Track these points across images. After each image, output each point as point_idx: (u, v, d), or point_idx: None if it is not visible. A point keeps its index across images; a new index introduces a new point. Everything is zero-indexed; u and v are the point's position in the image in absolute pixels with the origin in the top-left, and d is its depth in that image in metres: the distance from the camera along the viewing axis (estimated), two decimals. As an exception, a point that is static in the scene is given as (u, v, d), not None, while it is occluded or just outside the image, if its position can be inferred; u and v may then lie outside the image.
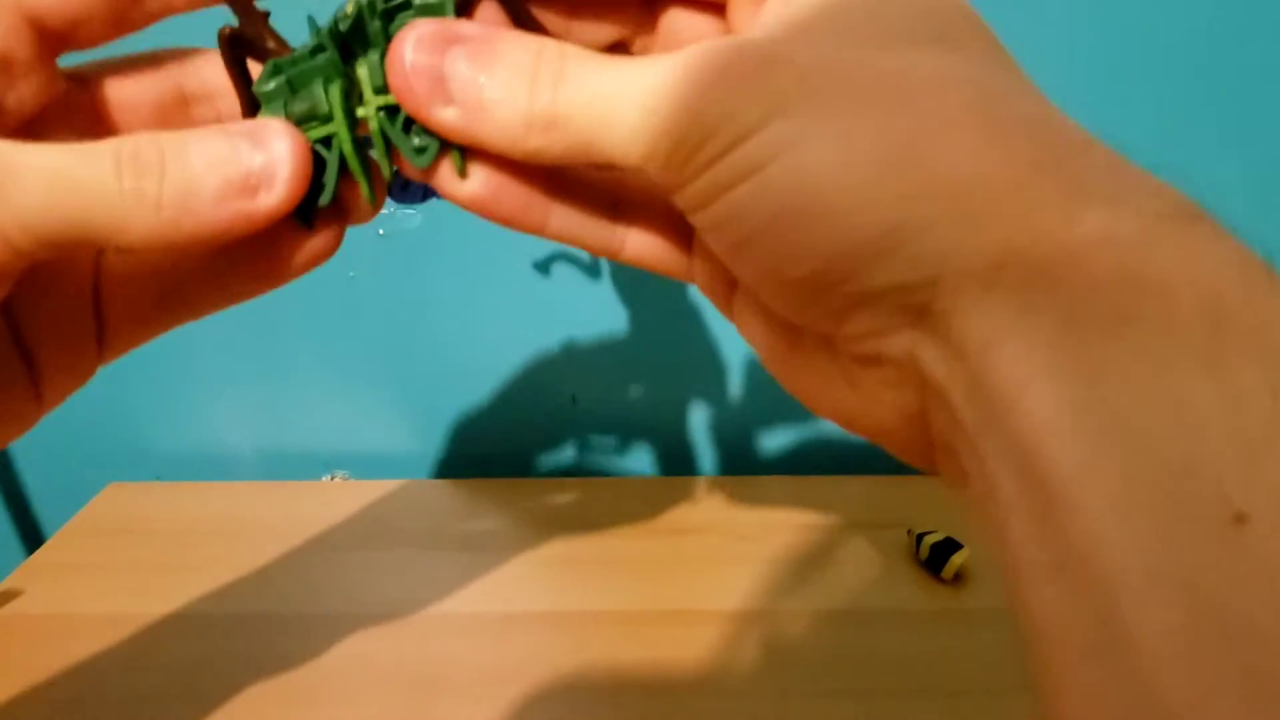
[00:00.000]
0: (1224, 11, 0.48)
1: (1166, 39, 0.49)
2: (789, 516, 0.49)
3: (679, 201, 0.18)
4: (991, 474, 0.15)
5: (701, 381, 0.57)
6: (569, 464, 0.59)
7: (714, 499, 0.51)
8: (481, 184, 0.19)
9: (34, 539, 0.61)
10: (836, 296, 0.16)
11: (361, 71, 0.19)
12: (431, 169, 0.19)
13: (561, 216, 0.20)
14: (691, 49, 0.17)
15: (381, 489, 0.54)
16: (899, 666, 0.39)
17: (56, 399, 0.22)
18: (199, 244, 0.18)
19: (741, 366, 0.56)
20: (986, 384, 0.15)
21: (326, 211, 0.20)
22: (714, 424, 0.58)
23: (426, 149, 0.19)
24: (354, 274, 0.54)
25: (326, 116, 0.19)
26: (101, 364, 0.22)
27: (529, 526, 0.50)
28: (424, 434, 0.58)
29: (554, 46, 0.18)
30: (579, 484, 0.54)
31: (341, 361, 0.57)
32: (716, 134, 0.16)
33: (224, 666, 0.40)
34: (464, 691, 0.38)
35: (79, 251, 0.18)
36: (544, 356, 0.56)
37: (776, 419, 0.57)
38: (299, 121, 0.20)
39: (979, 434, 0.15)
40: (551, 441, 0.59)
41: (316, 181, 0.20)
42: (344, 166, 0.20)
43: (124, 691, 0.38)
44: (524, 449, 0.59)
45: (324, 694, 0.38)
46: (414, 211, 0.52)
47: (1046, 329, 0.14)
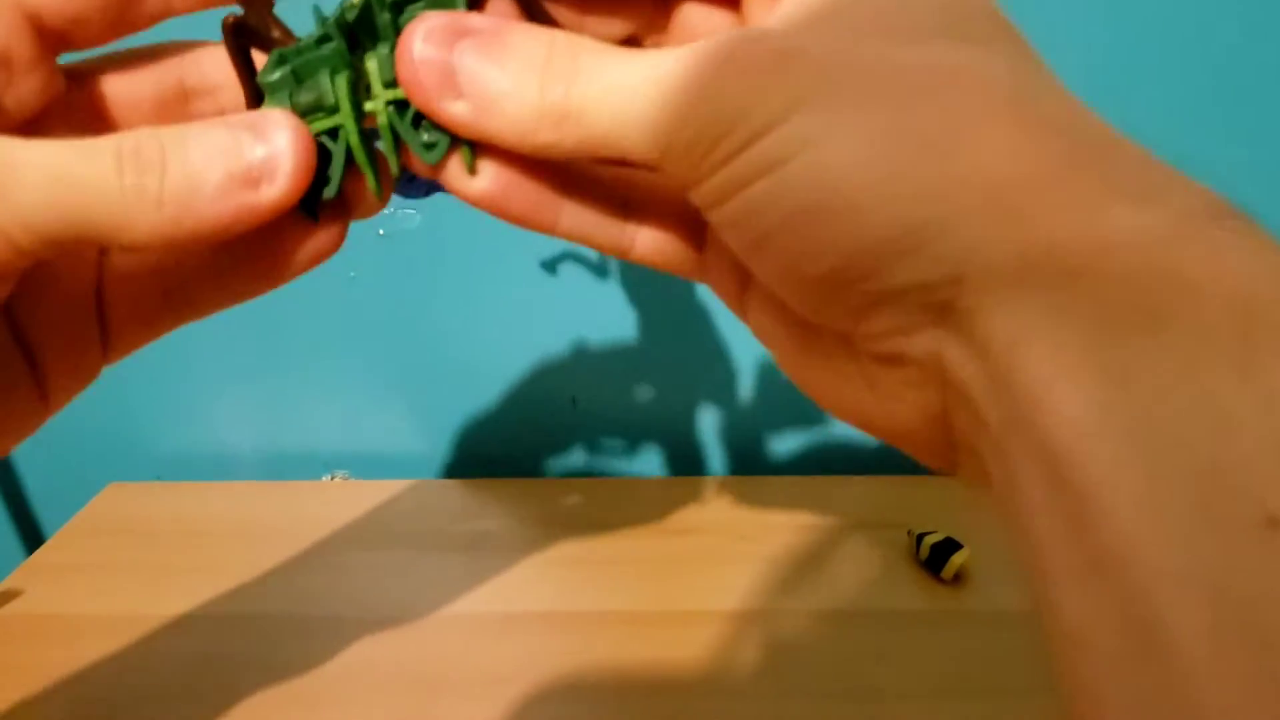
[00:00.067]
0: (1233, 6, 0.48)
1: (1174, 33, 0.49)
2: (789, 516, 0.49)
3: (694, 197, 0.17)
4: (1017, 476, 0.14)
5: (702, 382, 0.57)
6: (570, 465, 0.59)
7: (714, 499, 0.51)
8: (491, 181, 0.19)
9: (34, 539, 0.61)
10: (857, 294, 0.16)
11: (370, 64, 0.19)
12: (440, 165, 0.19)
13: (572, 214, 0.20)
14: (708, 41, 0.16)
15: (382, 489, 0.54)
16: (899, 666, 0.39)
17: (62, 400, 0.21)
18: (202, 240, 0.18)
19: (742, 367, 0.56)
20: (1013, 384, 0.14)
21: (331, 206, 0.20)
22: (714, 425, 0.58)
23: (436, 145, 0.19)
24: (354, 274, 0.54)
25: (333, 108, 0.19)
26: (106, 364, 0.22)
27: (530, 527, 0.50)
28: (424, 434, 0.58)
29: (566, 39, 0.18)
30: (579, 484, 0.54)
31: (342, 361, 0.57)
32: (735, 128, 0.16)
33: (224, 667, 0.40)
34: (465, 692, 0.38)
35: (81, 250, 0.18)
36: (544, 357, 0.56)
37: (776, 419, 0.57)
38: (304, 113, 0.19)
39: (1004, 435, 0.15)
40: (552, 442, 0.59)
41: (322, 175, 0.19)
42: (350, 160, 0.19)
43: (124, 692, 0.38)
44: (525, 449, 0.59)
45: (324, 694, 0.38)
46: (414, 211, 0.52)
47: (1074, 328, 0.14)
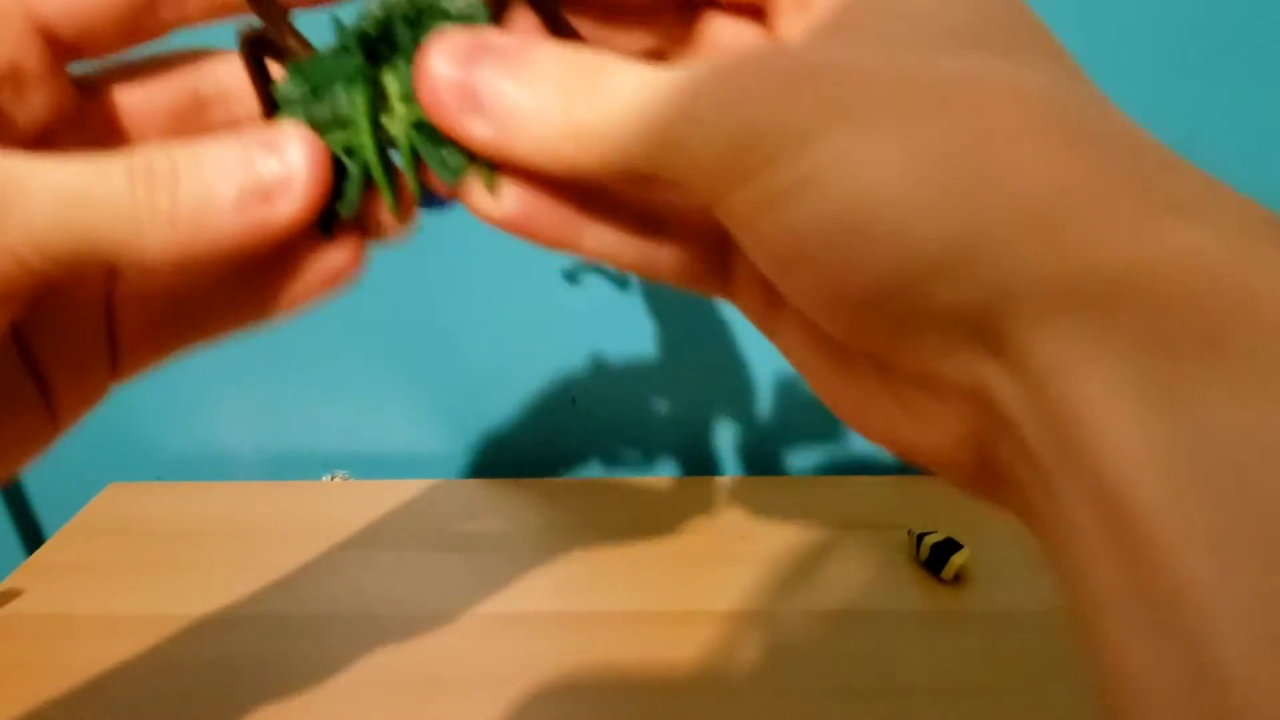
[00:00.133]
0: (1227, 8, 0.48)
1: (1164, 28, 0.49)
2: (789, 516, 0.49)
3: (723, 216, 0.17)
4: (1069, 512, 0.14)
5: (702, 383, 0.57)
6: (570, 465, 0.59)
7: (714, 499, 0.51)
8: (513, 202, 0.18)
9: (34, 539, 0.62)
10: (892, 315, 0.15)
11: (388, 79, 0.19)
12: (461, 185, 0.19)
13: (595, 234, 0.19)
14: (737, 55, 0.16)
15: (382, 489, 0.54)
16: (899, 666, 0.39)
17: (71, 420, 0.21)
18: (216, 259, 0.18)
19: (743, 368, 0.56)
20: (1062, 414, 0.13)
21: (350, 226, 0.19)
22: (714, 425, 0.58)
23: (455, 163, 0.18)
24: (354, 274, 0.54)
25: (350, 123, 0.19)
26: (115, 384, 0.22)
27: (529, 527, 0.50)
28: (424, 434, 0.58)
29: (590, 55, 0.17)
30: (579, 485, 0.54)
31: (341, 361, 0.57)
32: (765, 145, 0.15)
33: (224, 666, 0.40)
34: (464, 691, 0.38)
35: (92, 271, 0.17)
36: (544, 356, 0.56)
37: (776, 421, 0.58)
38: (321, 127, 0.19)
39: (1054, 468, 0.14)
40: (552, 442, 0.59)
41: (339, 193, 0.19)
42: (368, 178, 0.19)
43: (124, 692, 0.38)
44: (525, 449, 0.59)
45: (324, 694, 0.38)
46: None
47: (1128, 353, 0.13)
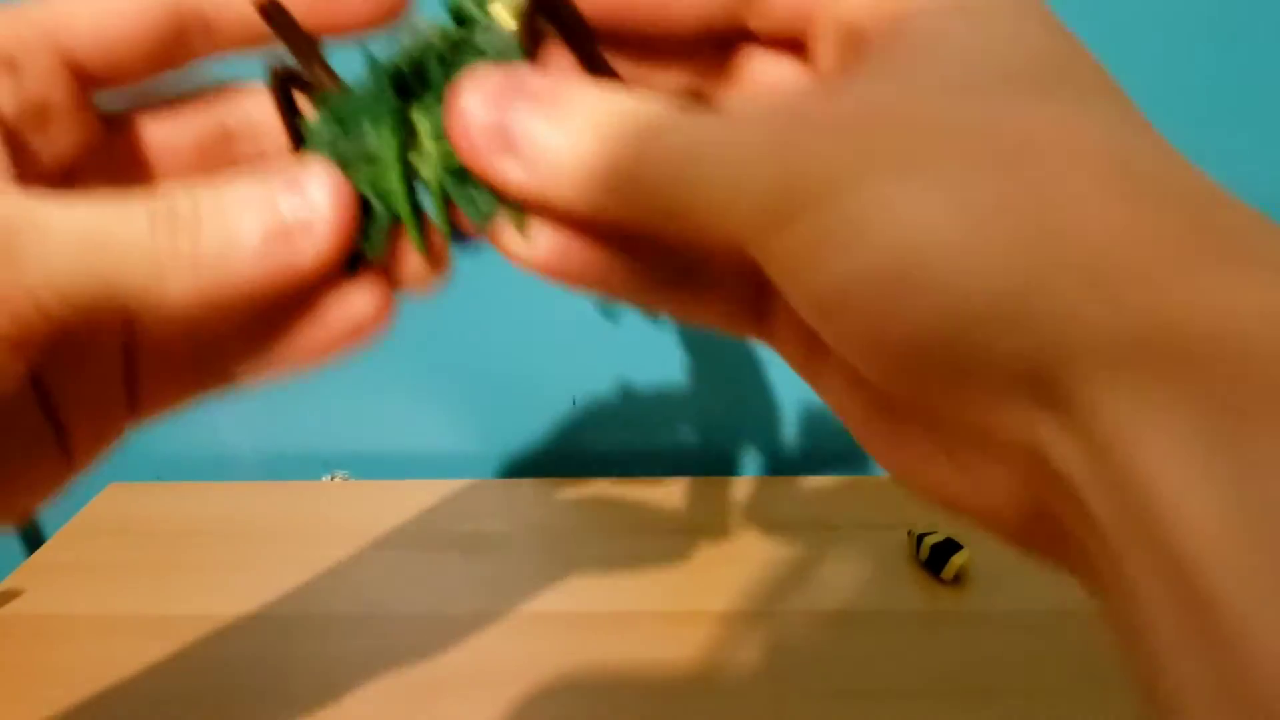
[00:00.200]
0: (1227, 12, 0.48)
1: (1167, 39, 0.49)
2: (789, 516, 0.49)
3: (764, 263, 0.16)
4: (1135, 583, 0.13)
5: (703, 383, 0.57)
6: (570, 465, 0.59)
7: (714, 499, 0.51)
8: (543, 245, 0.18)
9: (34, 539, 0.61)
10: (942, 368, 0.14)
11: (419, 117, 0.18)
12: (491, 226, 0.18)
13: (627, 278, 0.19)
14: (781, 99, 0.15)
15: (382, 489, 0.54)
16: (899, 666, 0.39)
17: (87, 461, 0.21)
18: (239, 303, 0.17)
19: (744, 369, 0.56)
20: (1128, 482, 0.13)
21: (379, 274, 0.19)
22: (714, 425, 0.58)
23: (486, 205, 0.18)
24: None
25: (379, 161, 0.18)
26: (132, 426, 0.21)
27: (529, 527, 0.50)
28: (424, 434, 0.58)
29: (627, 97, 0.16)
30: (578, 485, 0.54)
31: (342, 361, 0.57)
32: (808, 192, 0.14)
33: (223, 666, 0.40)
34: (464, 691, 0.38)
35: (111, 316, 0.17)
36: (544, 356, 0.56)
37: (776, 420, 0.58)
38: (349, 165, 0.18)
39: (1119, 537, 0.13)
40: (551, 442, 0.59)
41: (367, 233, 0.18)
42: (397, 218, 0.18)
43: (123, 692, 0.38)
44: (524, 449, 0.59)
45: (324, 694, 0.38)
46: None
47: (1199, 418, 0.12)
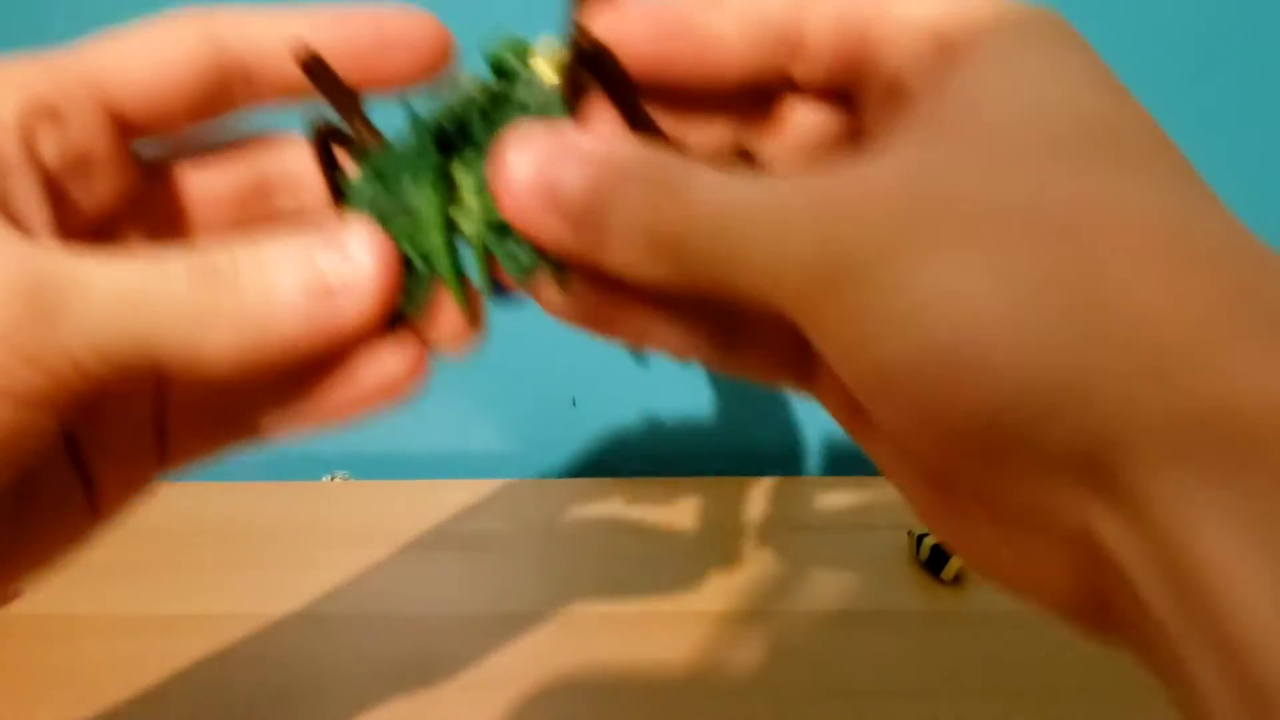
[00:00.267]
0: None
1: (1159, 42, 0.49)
2: (789, 516, 0.49)
3: (809, 334, 0.15)
4: (1195, 674, 0.12)
5: (702, 382, 0.57)
6: (570, 465, 0.59)
7: (714, 499, 0.51)
8: (584, 300, 0.18)
9: (34, 539, 0.61)
10: (991, 453, 0.14)
11: (461, 173, 0.18)
12: (531, 281, 0.18)
13: (667, 332, 0.18)
14: (829, 170, 0.15)
15: (381, 489, 0.54)
16: (899, 666, 0.39)
17: (113, 513, 0.21)
18: (278, 363, 0.17)
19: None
20: (1185, 571, 0.12)
21: (412, 334, 0.19)
22: (713, 425, 0.58)
23: (527, 260, 0.18)
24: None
25: (420, 219, 0.18)
26: (160, 477, 0.21)
27: (529, 526, 0.50)
28: (424, 435, 0.58)
29: (675, 160, 0.16)
30: (578, 484, 0.54)
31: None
32: (856, 270, 0.14)
33: (223, 666, 0.40)
34: (464, 691, 0.38)
35: (148, 374, 0.17)
36: (545, 356, 0.56)
37: (775, 421, 0.58)
38: (390, 223, 0.18)
39: (1176, 625, 0.13)
40: (551, 442, 0.59)
41: (408, 292, 0.18)
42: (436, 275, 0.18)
43: (123, 692, 0.38)
44: (524, 449, 0.59)
45: (324, 694, 0.38)
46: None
47: (1254, 505, 0.12)
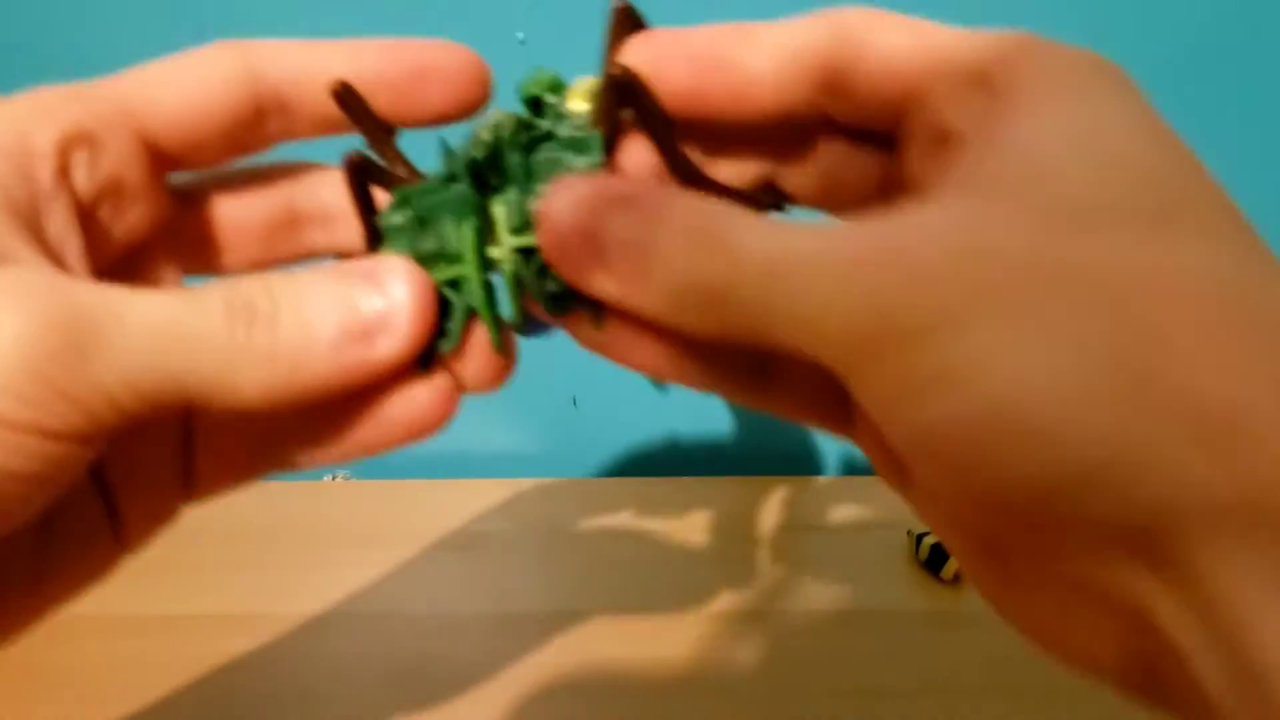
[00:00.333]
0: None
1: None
2: (789, 516, 0.49)
3: (853, 391, 0.15)
4: None
5: (701, 382, 0.57)
6: (570, 465, 0.59)
7: (714, 499, 0.51)
8: (618, 338, 0.18)
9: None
10: (1041, 524, 0.14)
11: (497, 208, 0.18)
12: (565, 316, 0.18)
13: (702, 371, 0.18)
14: (876, 224, 0.15)
15: (381, 489, 0.54)
16: (899, 666, 0.39)
17: (138, 544, 0.20)
18: (312, 399, 0.17)
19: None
20: (1240, 650, 0.12)
21: (442, 371, 0.19)
22: (714, 425, 0.58)
23: (563, 298, 0.17)
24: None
25: (456, 256, 0.18)
26: (185, 508, 0.21)
27: (529, 527, 0.50)
28: (424, 434, 0.58)
29: (722, 211, 0.16)
30: (578, 484, 0.54)
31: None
32: (902, 331, 0.14)
33: (224, 666, 0.40)
34: (464, 692, 0.38)
35: (180, 409, 0.16)
36: (544, 355, 0.56)
37: (774, 420, 0.57)
38: (425, 259, 0.18)
39: (1228, 703, 0.12)
40: (551, 442, 0.59)
41: (441, 328, 0.18)
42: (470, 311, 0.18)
43: (123, 692, 0.38)
44: (524, 449, 0.59)
45: (324, 694, 0.38)
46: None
47: None
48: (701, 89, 0.18)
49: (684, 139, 0.18)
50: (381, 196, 0.19)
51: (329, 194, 0.20)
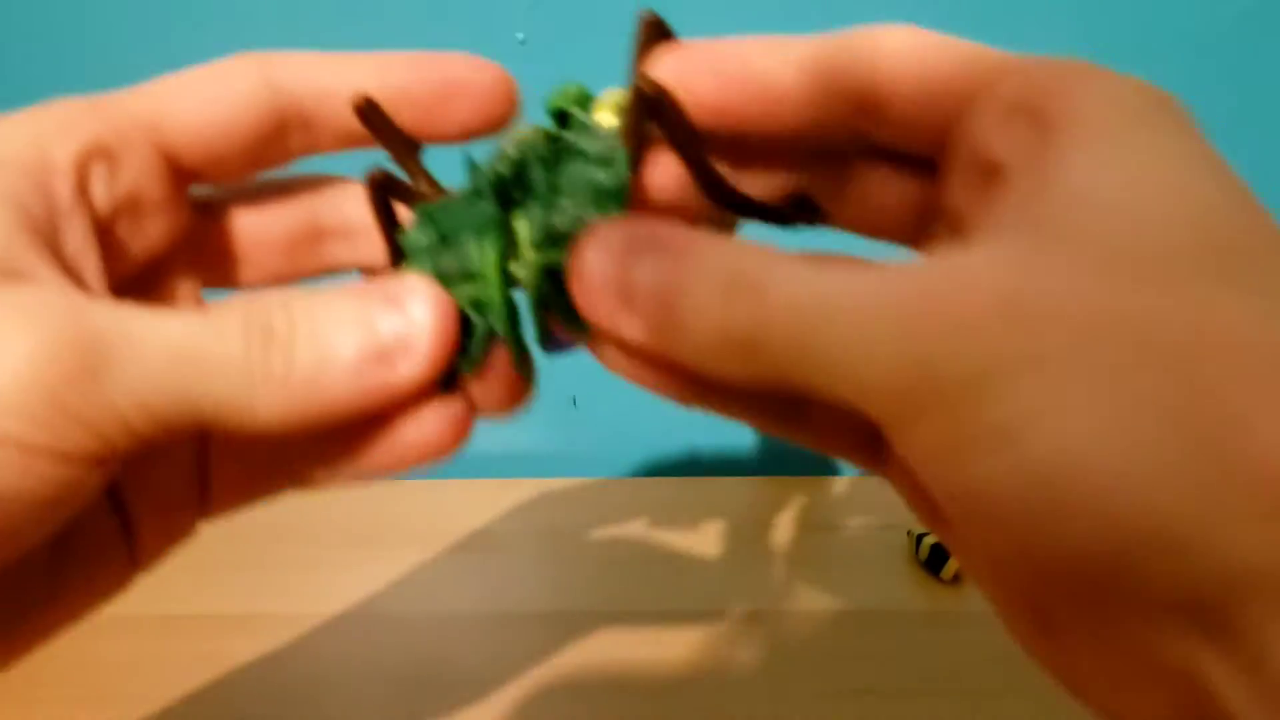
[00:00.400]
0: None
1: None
2: (789, 516, 0.49)
3: (895, 444, 0.15)
4: None
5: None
6: (570, 465, 0.59)
7: (714, 499, 0.51)
8: (645, 364, 0.17)
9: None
10: (1094, 589, 0.13)
11: (520, 224, 0.18)
12: (591, 339, 0.18)
13: (729, 401, 0.18)
14: (918, 272, 0.14)
15: (381, 489, 0.53)
16: (899, 666, 0.39)
17: (152, 561, 0.20)
18: (331, 422, 0.17)
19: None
20: None
21: (458, 395, 0.18)
22: (714, 424, 0.58)
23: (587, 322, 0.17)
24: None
25: (479, 277, 0.17)
26: (200, 525, 0.21)
27: (529, 527, 0.50)
28: (424, 434, 0.58)
29: (757, 255, 0.15)
30: (579, 484, 0.54)
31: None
32: (950, 389, 0.13)
33: (224, 666, 0.40)
34: (464, 692, 0.38)
35: (194, 431, 0.16)
36: (545, 356, 0.56)
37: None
38: (448, 278, 0.17)
39: None
40: (551, 442, 0.59)
41: (463, 349, 0.18)
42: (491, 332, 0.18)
43: (123, 691, 0.38)
44: (525, 449, 0.59)
45: (324, 694, 0.38)
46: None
47: None
48: (730, 103, 0.17)
49: (714, 152, 0.18)
50: (405, 213, 0.19)
51: (352, 208, 0.20)
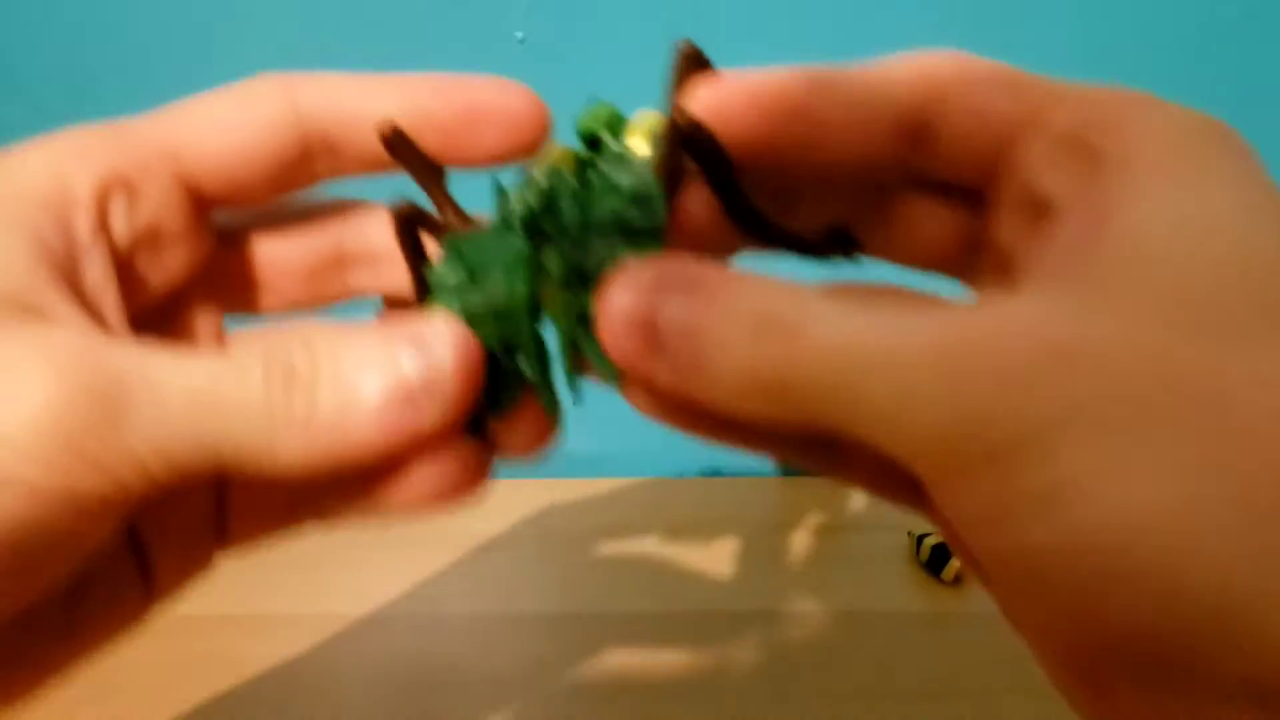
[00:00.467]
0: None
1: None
2: (789, 516, 0.49)
3: (936, 499, 0.14)
4: None
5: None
6: (570, 464, 0.59)
7: (715, 499, 0.51)
8: (675, 407, 0.17)
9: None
10: (1151, 665, 0.12)
11: (550, 260, 0.17)
12: (619, 380, 0.17)
13: (761, 439, 0.17)
14: (962, 318, 0.13)
15: (382, 489, 0.54)
16: (899, 667, 0.39)
17: (169, 595, 0.20)
18: (352, 465, 0.16)
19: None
20: None
21: (490, 426, 0.18)
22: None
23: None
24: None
25: (507, 316, 0.17)
26: (218, 560, 0.21)
27: (529, 527, 0.50)
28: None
29: (789, 296, 0.14)
30: (579, 485, 0.54)
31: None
32: (996, 447, 0.12)
33: (224, 665, 0.40)
34: (465, 692, 0.38)
35: (212, 475, 0.16)
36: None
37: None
38: (475, 317, 0.17)
39: None
40: (555, 442, 0.58)
41: (490, 392, 0.17)
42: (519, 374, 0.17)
43: (123, 691, 0.38)
44: (524, 449, 0.59)
45: (324, 694, 0.38)
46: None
47: None
48: (773, 139, 0.16)
49: (752, 185, 0.17)
50: (431, 243, 0.18)
51: (376, 234, 0.20)
